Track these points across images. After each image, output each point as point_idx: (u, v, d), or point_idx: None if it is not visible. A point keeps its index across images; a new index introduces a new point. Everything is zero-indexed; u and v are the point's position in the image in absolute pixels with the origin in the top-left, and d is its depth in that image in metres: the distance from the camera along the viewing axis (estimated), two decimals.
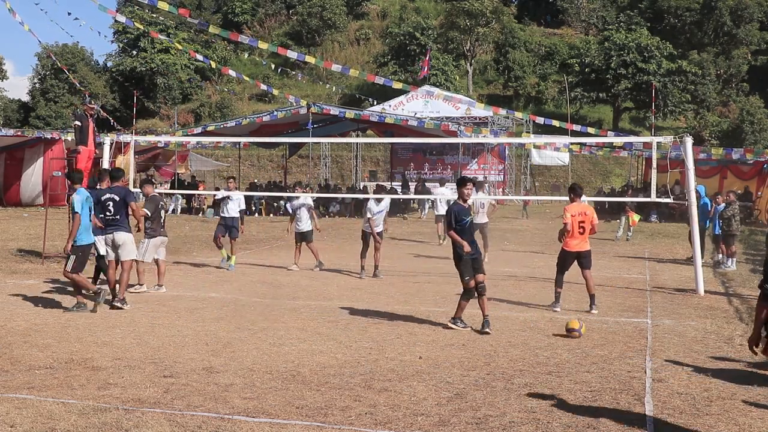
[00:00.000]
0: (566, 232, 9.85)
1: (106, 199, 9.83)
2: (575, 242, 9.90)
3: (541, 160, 37.03)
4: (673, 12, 56.40)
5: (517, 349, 7.56)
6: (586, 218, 9.88)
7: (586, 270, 9.94)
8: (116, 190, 9.96)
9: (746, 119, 45.89)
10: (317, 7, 64.24)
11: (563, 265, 10.00)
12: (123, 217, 9.87)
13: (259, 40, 23.96)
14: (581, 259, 9.95)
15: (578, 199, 10.10)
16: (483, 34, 57.20)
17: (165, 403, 5.69)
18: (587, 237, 9.99)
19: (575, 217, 9.85)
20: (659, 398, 5.96)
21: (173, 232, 21.05)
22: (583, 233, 9.91)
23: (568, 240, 9.89)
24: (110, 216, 9.83)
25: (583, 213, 9.91)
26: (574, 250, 9.89)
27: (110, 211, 9.80)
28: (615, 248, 18.10)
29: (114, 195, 9.86)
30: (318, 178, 39.29)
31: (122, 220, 9.86)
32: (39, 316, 9.05)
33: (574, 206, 9.98)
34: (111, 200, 9.82)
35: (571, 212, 9.87)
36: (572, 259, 9.95)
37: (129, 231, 9.99)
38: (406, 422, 5.36)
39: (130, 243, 9.96)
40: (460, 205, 8.63)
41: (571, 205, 10.03)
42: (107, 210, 9.80)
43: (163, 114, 59.38)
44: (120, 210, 9.82)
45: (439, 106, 37.10)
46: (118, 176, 10.24)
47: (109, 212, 9.81)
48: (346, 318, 9.15)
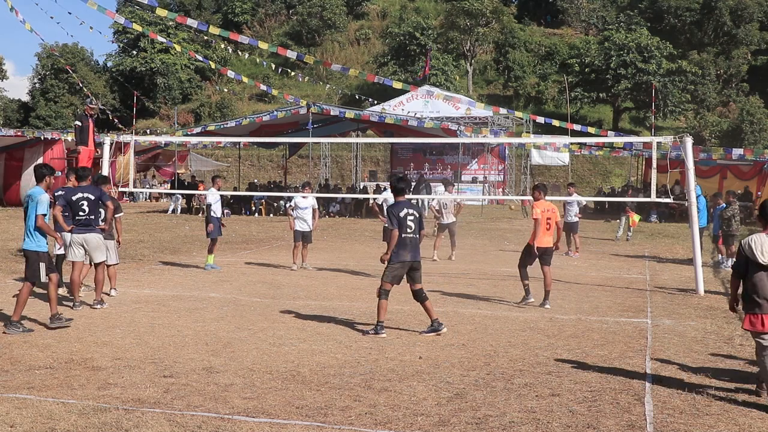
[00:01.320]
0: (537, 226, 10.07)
1: (78, 198, 9.55)
2: (543, 238, 10.11)
3: (542, 160, 37.02)
4: (673, 12, 56.42)
5: (517, 349, 7.56)
6: (553, 215, 10.17)
7: (546, 266, 10.16)
8: (89, 189, 9.68)
9: (746, 119, 45.90)
10: (317, 7, 64.27)
11: (525, 260, 10.20)
12: (97, 218, 9.65)
13: (259, 40, 23.97)
14: (544, 255, 10.16)
15: (543, 197, 10.35)
16: (483, 34, 57.22)
17: (165, 403, 5.69)
18: (553, 233, 10.24)
19: (544, 213, 10.11)
20: (659, 398, 5.96)
21: (173, 232, 21.09)
22: (549, 230, 10.17)
23: (537, 235, 10.07)
24: (83, 216, 9.56)
25: (551, 210, 10.21)
26: (542, 245, 10.09)
27: (84, 210, 9.55)
28: (615, 248, 18.11)
29: (88, 194, 9.59)
30: (318, 178, 39.28)
31: (96, 221, 9.64)
32: (39, 316, 9.05)
33: (542, 203, 10.24)
34: (85, 200, 9.56)
35: (540, 208, 10.13)
36: (536, 254, 10.12)
37: (100, 233, 9.72)
38: (406, 422, 5.36)
39: (103, 245, 9.72)
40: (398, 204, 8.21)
41: (539, 201, 10.27)
42: (80, 210, 9.53)
43: (163, 114, 59.41)
44: (95, 210, 9.59)
45: (439, 106, 37.10)
46: (84, 175, 9.92)
47: (82, 212, 9.55)
48: (346, 318, 9.15)
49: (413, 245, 8.14)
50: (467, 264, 14.78)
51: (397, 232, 8.02)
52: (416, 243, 8.18)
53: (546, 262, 10.17)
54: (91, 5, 16.98)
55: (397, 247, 8.06)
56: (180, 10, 62.66)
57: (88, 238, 9.56)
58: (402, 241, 8.06)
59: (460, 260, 15.24)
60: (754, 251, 5.80)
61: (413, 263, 8.13)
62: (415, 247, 8.15)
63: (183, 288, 11.42)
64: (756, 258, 5.79)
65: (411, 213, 8.11)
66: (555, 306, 10.05)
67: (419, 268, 8.21)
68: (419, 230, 8.20)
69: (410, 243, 8.10)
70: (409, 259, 8.09)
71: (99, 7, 17.37)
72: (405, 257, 8.07)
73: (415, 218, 8.13)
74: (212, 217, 13.66)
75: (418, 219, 8.18)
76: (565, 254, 16.35)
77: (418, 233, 8.18)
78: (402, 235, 8.05)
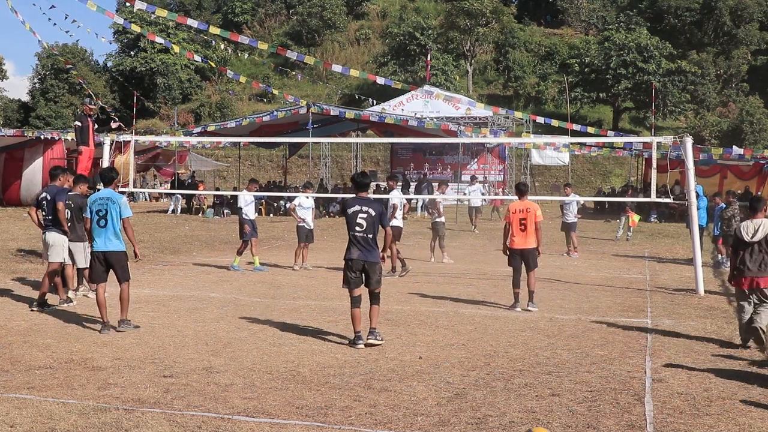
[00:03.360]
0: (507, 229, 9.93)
1: (42, 198, 9.59)
2: (516, 239, 9.89)
3: (541, 160, 37.03)
4: (673, 12, 56.42)
5: (517, 349, 7.56)
6: (528, 215, 9.84)
7: (530, 271, 9.88)
8: (50, 189, 9.68)
9: (746, 119, 45.91)
10: (317, 7, 64.27)
11: (513, 264, 10.01)
12: (56, 218, 9.59)
13: (259, 41, 23.97)
14: (524, 257, 9.88)
15: (523, 197, 10.10)
16: (483, 34, 57.21)
17: (165, 403, 5.69)
18: (530, 235, 9.87)
19: (515, 214, 9.86)
20: (659, 398, 5.96)
21: (173, 232, 21.08)
22: (524, 230, 9.85)
23: (512, 238, 9.91)
24: (44, 215, 9.58)
25: (525, 210, 9.89)
26: (517, 247, 9.87)
27: (44, 211, 9.57)
28: (615, 248, 18.11)
29: (47, 194, 9.61)
30: (318, 178, 39.27)
31: (55, 221, 9.58)
32: (39, 316, 9.05)
33: (515, 204, 10.03)
34: (45, 199, 9.58)
35: (511, 210, 9.94)
36: (518, 257, 9.91)
37: (60, 232, 9.64)
38: (406, 422, 5.36)
39: (58, 245, 9.64)
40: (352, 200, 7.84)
41: (513, 203, 10.10)
42: (43, 209, 9.60)
43: (163, 114, 59.39)
44: (52, 210, 9.58)
45: (439, 106, 37.07)
46: (55, 174, 9.91)
47: (44, 212, 9.59)
48: (346, 318, 9.14)
49: (362, 244, 7.62)
50: (467, 264, 14.78)
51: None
52: (368, 242, 7.63)
53: (529, 267, 9.84)
54: (91, 6, 16.98)
55: (347, 245, 7.75)
56: (180, 10, 62.66)
57: (47, 237, 9.57)
58: (350, 239, 7.71)
59: (460, 260, 15.19)
60: (742, 232, 7.96)
61: (364, 263, 7.61)
62: (364, 246, 7.62)
63: (183, 288, 11.42)
64: (743, 237, 7.92)
65: (364, 211, 7.63)
66: (555, 306, 10.05)
67: (373, 269, 7.64)
68: (373, 229, 7.63)
69: (358, 242, 7.63)
70: (356, 257, 7.61)
71: (98, 8, 17.38)
72: (351, 255, 7.63)
73: (369, 216, 7.61)
74: (246, 219, 13.65)
75: (374, 217, 7.63)
76: (566, 254, 16.35)
77: (371, 233, 7.63)
78: (350, 233, 7.70)
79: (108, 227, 8.16)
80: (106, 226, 8.16)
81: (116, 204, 8.18)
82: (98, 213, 8.19)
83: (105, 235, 8.17)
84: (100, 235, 8.18)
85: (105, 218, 8.16)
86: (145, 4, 18.18)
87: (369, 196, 8.02)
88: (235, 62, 60.17)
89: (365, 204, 7.71)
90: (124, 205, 8.25)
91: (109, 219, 8.16)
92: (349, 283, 7.72)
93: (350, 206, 7.73)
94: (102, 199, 8.23)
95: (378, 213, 7.70)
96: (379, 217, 7.69)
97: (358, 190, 7.92)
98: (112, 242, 8.19)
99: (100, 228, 8.17)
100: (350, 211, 7.70)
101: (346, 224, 7.80)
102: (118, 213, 8.18)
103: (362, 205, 7.70)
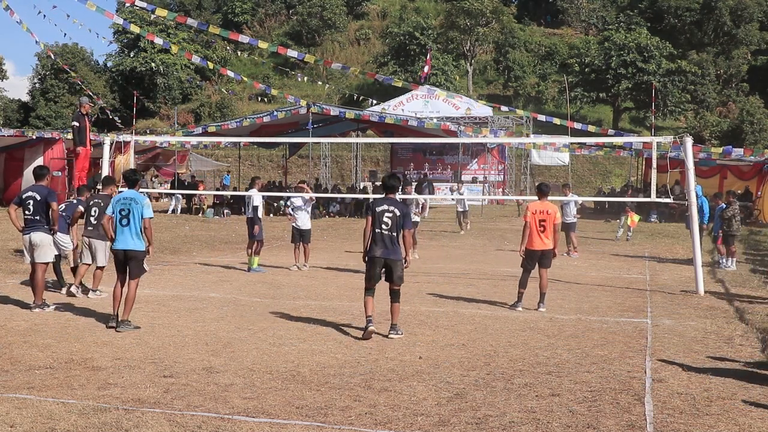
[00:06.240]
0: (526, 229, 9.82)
1: (27, 197, 9.53)
2: (536, 240, 9.81)
3: (541, 160, 37.01)
4: (673, 12, 56.45)
5: (517, 349, 7.56)
6: (548, 217, 9.76)
7: (544, 269, 9.87)
8: (38, 188, 9.62)
9: (746, 119, 45.93)
10: (317, 7, 64.29)
11: (526, 265, 9.94)
12: (42, 218, 9.54)
13: (259, 40, 23.97)
14: (542, 258, 9.86)
15: (544, 198, 10.01)
16: (483, 34, 57.25)
17: (165, 403, 5.69)
18: (550, 236, 9.82)
19: (535, 215, 9.78)
20: (659, 398, 5.96)
21: (173, 232, 21.08)
22: (544, 231, 9.78)
23: (531, 238, 9.82)
24: (29, 215, 9.50)
25: (545, 212, 9.79)
26: (537, 248, 9.80)
27: (29, 210, 9.50)
28: (615, 248, 18.11)
29: (35, 194, 9.53)
30: (318, 177, 39.29)
31: (42, 221, 9.54)
32: (39, 316, 9.05)
33: (535, 204, 9.92)
34: (31, 199, 9.51)
35: (531, 210, 9.82)
36: (535, 257, 9.86)
37: (48, 232, 9.61)
38: (406, 422, 5.36)
39: (47, 245, 9.61)
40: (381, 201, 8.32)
41: (533, 202, 10.00)
42: (27, 209, 9.52)
43: (163, 114, 59.40)
44: (39, 210, 9.51)
45: (439, 106, 37.10)
46: (41, 174, 9.85)
47: (28, 211, 9.51)
48: (346, 318, 9.15)
49: (386, 241, 8.11)
50: (467, 264, 14.79)
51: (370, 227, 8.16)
52: (392, 240, 8.14)
53: (544, 265, 9.88)
54: (90, 6, 16.98)
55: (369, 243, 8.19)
56: (180, 10, 62.66)
57: (33, 238, 9.52)
58: (373, 237, 8.15)
59: (460, 260, 15.25)
60: None
61: (386, 260, 8.11)
62: (388, 243, 8.11)
63: (183, 288, 11.42)
64: None
65: (390, 210, 8.13)
66: (555, 306, 10.05)
67: (395, 266, 8.13)
68: (397, 228, 8.13)
69: (383, 239, 8.11)
70: (379, 254, 8.10)
71: (98, 8, 17.38)
72: (375, 253, 8.12)
73: (394, 215, 8.11)
74: (258, 218, 13.65)
75: (398, 217, 8.12)
76: (566, 254, 16.35)
77: (395, 231, 8.13)
78: (375, 230, 8.12)
79: (130, 226, 8.40)
80: (129, 225, 8.39)
81: (139, 205, 8.41)
82: (121, 212, 8.42)
83: (127, 233, 8.39)
84: (122, 234, 8.40)
85: (127, 218, 8.39)
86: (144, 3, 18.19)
87: (396, 198, 8.49)
88: (235, 62, 60.18)
89: (392, 204, 8.22)
90: (147, 206, 8.47)
91: (131, 219, 8.39)
92: (371, 279, 8.21)
93: (379, 205, 8.20)
94: (126, 200, 8.46)
95: (402, 213, 8.19)
96: (402, 217, 8.17)
97: (387, 192, 8.40)
98: (133, 241, 8.40)
99: (122, 227, 8.40)
100: (378, 209, 8.17)
101: (372, 222, 8.16)
102: (140, 213, 8.40)
103: (389, 205, 8.21)
